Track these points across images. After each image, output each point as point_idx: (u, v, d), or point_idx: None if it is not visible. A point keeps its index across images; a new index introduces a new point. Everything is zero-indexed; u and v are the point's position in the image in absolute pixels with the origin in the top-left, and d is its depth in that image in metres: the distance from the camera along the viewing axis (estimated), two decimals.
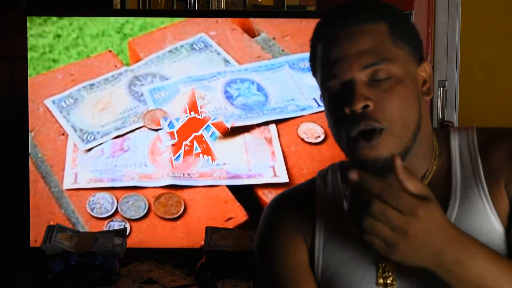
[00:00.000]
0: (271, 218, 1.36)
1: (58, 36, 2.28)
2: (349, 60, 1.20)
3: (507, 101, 3.25)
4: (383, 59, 1.19)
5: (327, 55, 1.23)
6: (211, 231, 2.18)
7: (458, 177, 1.25)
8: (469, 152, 1.27)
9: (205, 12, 2.69)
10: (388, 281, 1.23)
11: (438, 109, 2.89)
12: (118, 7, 2.62)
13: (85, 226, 2.28)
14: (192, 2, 2.73)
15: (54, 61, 2.28)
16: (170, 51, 2.29)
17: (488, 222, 1.21)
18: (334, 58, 1.21)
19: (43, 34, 2.27)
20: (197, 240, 2.27)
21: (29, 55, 2.26)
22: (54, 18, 2.27)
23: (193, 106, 2.28)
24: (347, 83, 1.20)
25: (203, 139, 2.28)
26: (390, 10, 1.24)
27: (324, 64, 1.23)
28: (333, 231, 1.29)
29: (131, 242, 2.25)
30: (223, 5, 2.82)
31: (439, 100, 2.89)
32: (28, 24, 2.26)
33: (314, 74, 1.29)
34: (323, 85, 1.24)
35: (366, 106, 1.18)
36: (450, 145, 1.28)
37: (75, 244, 2.16)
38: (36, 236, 2.27)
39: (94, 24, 2.28)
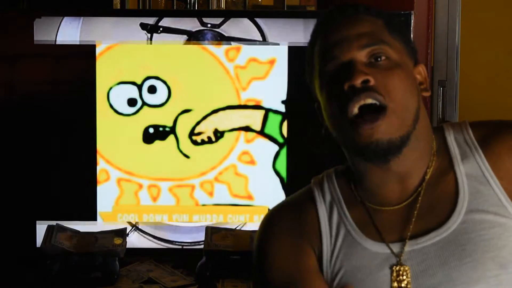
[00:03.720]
0: (271, 229, 1.29)
1: None
2: (348, 41, 1.20)
3: (507, 101, 3.25)
4: (382, 41, 1.21)
5: (327, 41, 1.22)
6: (211, 231, 2.18)
7: (463, 174, 1.23)
8: (469, 148, 1.25)
9: (205, 12, 2.69)
10: (403, 285, 1.19)
11: (438, 109, 2.88)
12: (118, 7, 2.62)
13: None
14: (192, 2, 2.73)
15: None
16: None
17: (503, 215, 1.18)
18: (334, 41, 1.22)
19: None
20: None
21: None
22: None
23: None
24: (346, 63, 1.20)
25: None
26: (387, 14, 1.27)
27: (323, 50, 1.23)
28: (341, 238, 1.25)
29: None
30: (223, 5, 2.81)
31: (439, 100, 2.88)
32: None
33: (310, 80, 1.27)
34: (321, 71, 1.22)
35: (366, 81, 1.17)
36: (446, 141, 1.26)
37: (75, 244, 2.15)
38: None
39: None
